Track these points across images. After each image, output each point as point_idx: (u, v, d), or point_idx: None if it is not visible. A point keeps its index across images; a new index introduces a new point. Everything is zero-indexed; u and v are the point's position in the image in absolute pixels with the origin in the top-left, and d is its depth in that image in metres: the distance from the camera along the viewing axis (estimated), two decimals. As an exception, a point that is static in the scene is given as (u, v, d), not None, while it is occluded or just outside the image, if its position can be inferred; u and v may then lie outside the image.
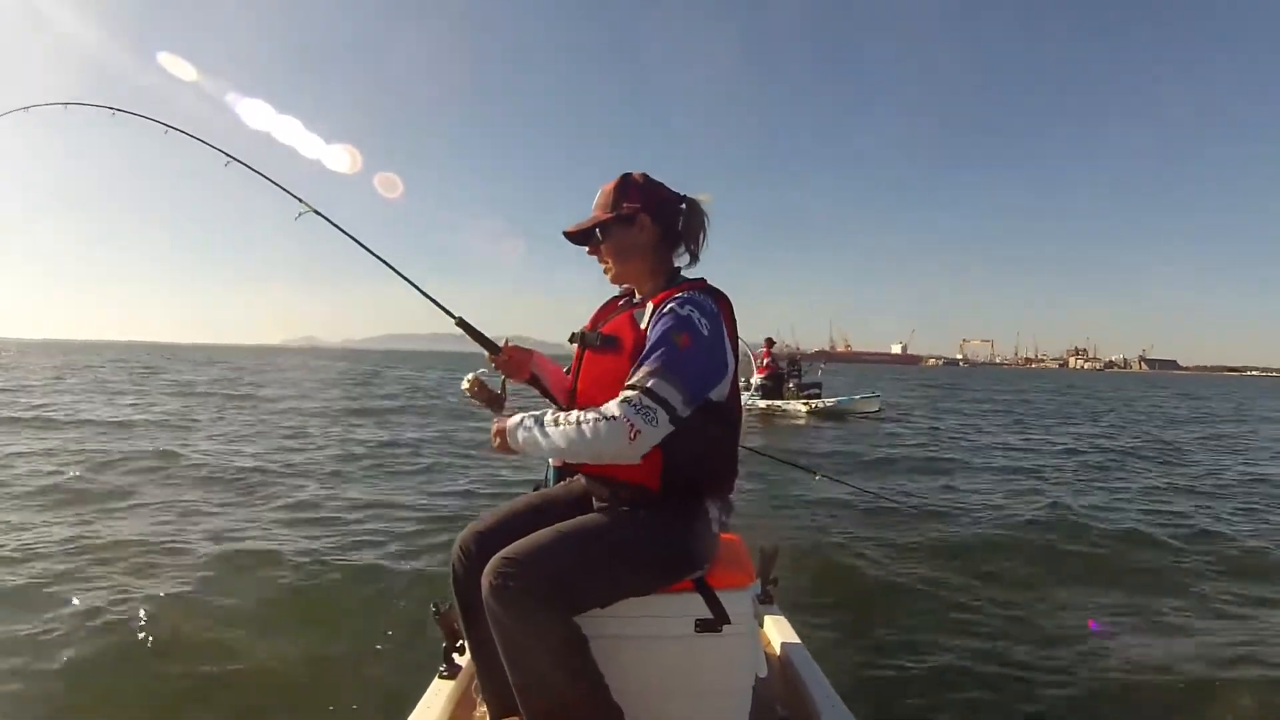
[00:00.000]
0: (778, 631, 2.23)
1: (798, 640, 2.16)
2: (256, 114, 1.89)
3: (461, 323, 1.82)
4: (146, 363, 36.79)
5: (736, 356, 1.55)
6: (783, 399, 16.93)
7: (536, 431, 1.46)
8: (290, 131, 1.85)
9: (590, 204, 1.66)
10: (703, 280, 1.61)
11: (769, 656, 2.08)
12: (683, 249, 1.65)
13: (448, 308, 1.88)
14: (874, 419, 16.02)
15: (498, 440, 1.54)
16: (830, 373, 20.19)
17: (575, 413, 1.42)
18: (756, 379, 17.38)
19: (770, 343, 18.52)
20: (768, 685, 1.75)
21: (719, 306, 1.52)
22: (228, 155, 2.06)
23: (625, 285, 1.71)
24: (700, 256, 1.66)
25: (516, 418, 1.51)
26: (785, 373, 17.74)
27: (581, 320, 1.73)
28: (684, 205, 1.64)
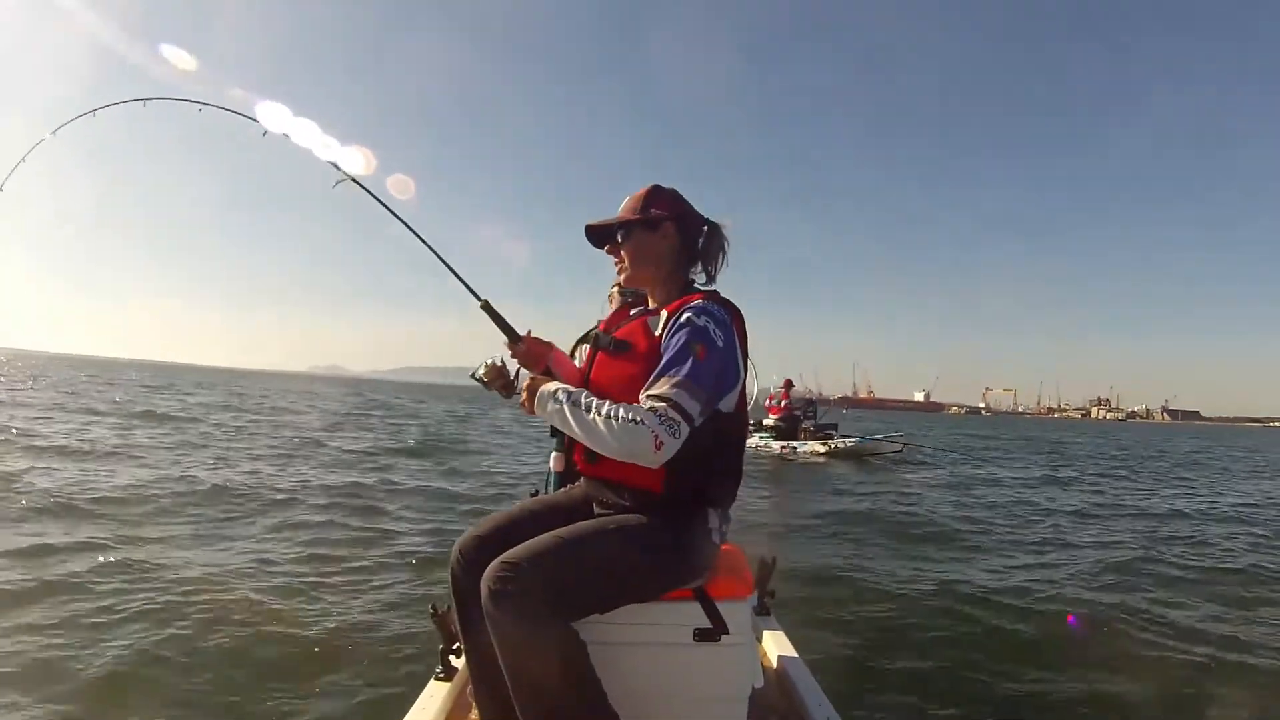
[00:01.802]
0: (774, 643, 2.22)
1: (794, 652, 2.14)
2: (274, 116, 1.92)
3: (486, 306, 1.82)
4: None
5: (746, 368, 1.57)
6: (797, 440, 16.58)
7: (567, 408, 1.46)
8: (307, 134, 1.89)
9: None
10: (715, 291, 1.64)
11: (765, 668, 2.07)
12: (699, 268, 1.69)
13: (475, 289, 1.85)
14: (895, 459, 15.73)
15: (525, 396, 1.56)
16: (852, 419, 19.83)
17: (607, 404, 1.42)
18: (770, 419, 17.05)
19: (789, 385, 18.21)
20: (764, 696, 1.74)
21: (731, 317, 1.55)
22: (264, 126, 1.94)
23: (634, 289, 1.74)
24: (717, 279, 1.69)
25: (551, 386, 1.52)
26: (801, 414, 17.42)
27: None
28: (706, 226, 1.68)
